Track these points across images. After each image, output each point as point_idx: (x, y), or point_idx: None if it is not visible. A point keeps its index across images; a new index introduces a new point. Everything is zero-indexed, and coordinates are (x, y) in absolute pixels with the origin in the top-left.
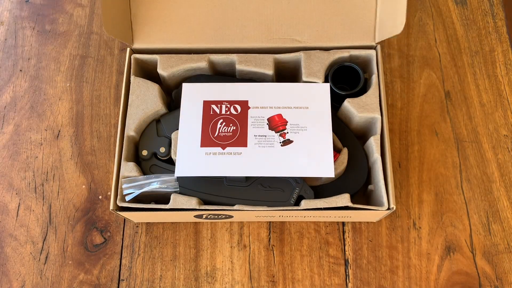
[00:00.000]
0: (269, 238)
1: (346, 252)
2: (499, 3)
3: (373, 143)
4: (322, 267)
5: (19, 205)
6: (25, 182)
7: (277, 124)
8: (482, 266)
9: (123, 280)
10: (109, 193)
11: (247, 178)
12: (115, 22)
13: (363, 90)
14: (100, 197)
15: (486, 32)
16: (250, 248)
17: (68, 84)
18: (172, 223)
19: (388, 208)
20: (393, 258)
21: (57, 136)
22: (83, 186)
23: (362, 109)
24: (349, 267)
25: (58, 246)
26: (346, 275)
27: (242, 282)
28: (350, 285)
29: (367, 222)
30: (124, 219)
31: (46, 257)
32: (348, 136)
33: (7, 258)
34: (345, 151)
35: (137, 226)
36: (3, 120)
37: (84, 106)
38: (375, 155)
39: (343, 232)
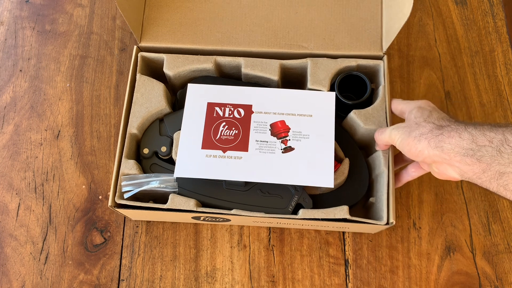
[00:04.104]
0: (269, 238)
1: (346, 252)
2: (499, 3)
3: (381, 156)
4: (322, 267)
5: (19, 205)
6: (25, 182)
7: (279, 130)
8: (482, 266)
9: (123, 280)
10: (109, 193)
11: (247, 182)
12: (130, 12)
13: (369, 100)
14: (100, 197)
15: (486, 32)
16: (250, 248)
17: (68, 84)
18: (172, 223)
19: (387, 223)
20: (393, 258)
21: (57, 136)
22: (83, 186)
23: (368, 121)
24: (349, 267)
25: (58, 246)
26: (346, 275)
27: (242, 282)
28: (350, 285)
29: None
30: (124, 218)
31: (46, 257)
32: (351, 146)
33: (7, 258)
34: (346, 162)
35: (137, 226)
36: (3, 120)
37: (84, 106)
38: (382, 168)
39: (343, 232)
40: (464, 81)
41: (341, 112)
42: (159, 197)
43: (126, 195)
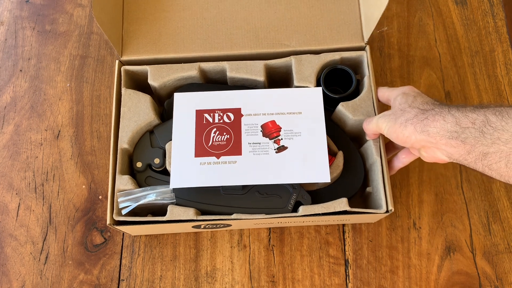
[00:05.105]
0: (269, 238)
1: (346, 252)
2: (499, 3)
3: (372, 145)
4: (322, 267)
5: (19, 205)
6: (25, 182)
7: (270, 130)
8: (482, 266)
9: (123, 280)
10: (109, 193)
11: (244, 186)
12: (109, 25)
13: (356, 92)
14: (100, 197)
15: (486, 32)
16: (250, 248)
17: (68, 84)
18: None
19: (387, 211)
20: (393, 258)
21: (57, 136)
22: (83, 186)
23: (356, 112)
24: (349, 267)
25: (58, 246)
26: (346, 275)
27: (242, 282)
28: (350, 285)
29: (367, 222)
30: None
31: (46, 257)
32: (343, 139)
33: (7, 258)
34: (340, 155)
35: None
36: (3, 120)
37: (84, 106)
38: (374, 157)
39: (343, 232)
40: (464, 81)
41: (329, 106)
42: (157, 210)
43: (124, 211)
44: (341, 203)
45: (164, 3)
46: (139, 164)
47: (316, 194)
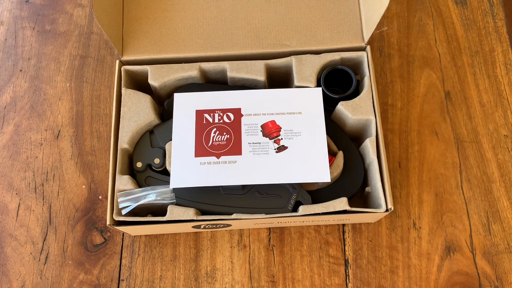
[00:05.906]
0: (269, 238)
1: (346, 252)
2: (499, 3)
3: (369, 145)
4: (322, 267)
5: (19, 205)
6: (25, 182)
7: (271, 130)
8: (482, 266)
9: (123, 280)
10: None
11: (244, 185)
12: (110, 25)
13: (356, 92)
14: (100, 197)
15: (486, 32)
16: (250, 248)
17: (68, 84)
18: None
19: (386, 210)
20: (393, 258)
21: (57, 136)
22: (83, 186)
23: (355, 112)
24: (349, 267)
25: (58, 246)
26: (346, 275)
27: (242, 282)
28: (350, 285)
29: (367, 222)
30: None
31: (46, 257)
32: (343, 139)
33: (7, 258)
34: (340, 154)
35: None
36: (3, 120)
37: (84, 106)
38: (371, 157)
39: (343, 232)
40: (464, 81)
41: (329, 106)
42: (157, 210)
43: (124, 211)
44: (341, 203)
45: (165, 2)
46: (139, 164)
47: (316, 194)
